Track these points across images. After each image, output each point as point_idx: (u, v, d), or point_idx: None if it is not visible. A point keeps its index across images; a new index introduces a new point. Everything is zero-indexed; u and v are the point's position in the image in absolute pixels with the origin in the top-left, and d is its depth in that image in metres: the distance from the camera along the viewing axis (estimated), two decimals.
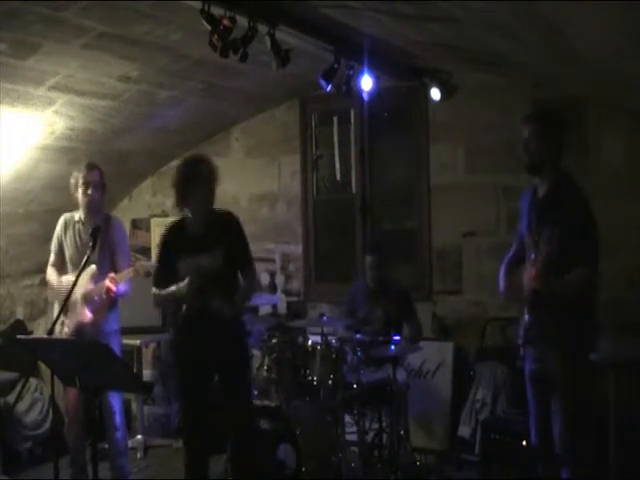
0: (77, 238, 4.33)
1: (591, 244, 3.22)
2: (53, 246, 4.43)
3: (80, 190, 4.25)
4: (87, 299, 4.21)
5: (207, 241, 3.74)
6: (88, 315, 4.19)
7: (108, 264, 4.25)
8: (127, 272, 4.19)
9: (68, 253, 4.35)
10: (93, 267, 4.16)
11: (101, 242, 4.07)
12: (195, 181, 3.72)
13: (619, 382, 3.88)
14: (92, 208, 4.29)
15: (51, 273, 4.42)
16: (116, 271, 4.24)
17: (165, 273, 3.80)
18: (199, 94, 5.01)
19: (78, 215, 4.36)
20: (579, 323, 3.22)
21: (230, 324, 3.78)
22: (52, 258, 4.44)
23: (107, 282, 4.13)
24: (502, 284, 3.56)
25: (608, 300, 3.66)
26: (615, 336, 3.93)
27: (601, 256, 3.24)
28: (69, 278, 4.22)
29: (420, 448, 4.85)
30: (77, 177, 4.25)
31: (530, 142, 3.37)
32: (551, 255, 3.16)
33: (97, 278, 4.19)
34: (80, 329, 4.21)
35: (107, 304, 4.27)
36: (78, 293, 4.14)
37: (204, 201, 3.78)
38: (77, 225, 4.35)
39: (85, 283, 4.16)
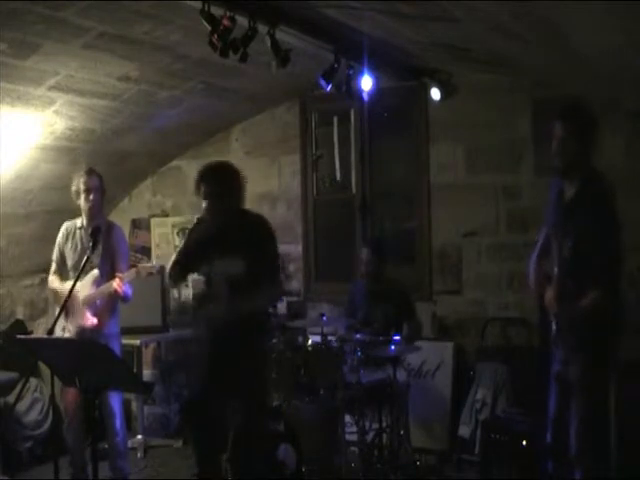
0: (79, 244, 4.36)
1: (612, 256, 3.15)
2: (54, 255, 4.47)
3: (82, 197, 4.30)
4: (89, 303, 4.23)
5: (232, 244, 3.77)
6: (90, 319, 4.21)
7: (109, 269, 4.28)
8: (130, 273, 4.21)
9: (70, 261, 4.37)
10: (95, 272, 4.20)
11: (102, 247, 4.14)
12: (210, 188, 3.76)
13: (619, 382, 3.87)
14: (93, 213, 4.34)
15: (54, 280, 4.46)
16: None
17: (185, 263, 3.88)
18: (199, 94, 5.00)
19: (80, 221, 4.41)
20: (601, 327, 3.18)
21: (250, 327, 3.79)
22: (54, 267, 4.48)
23: (114, 284, 4.13)
24: (532, 279, 3.49)
25: None
26: None
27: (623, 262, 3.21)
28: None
29: (420, 448, 4.84)
30: (78, 184, 4.30)
31: (566, 143, 3.20)
32: (573, 267, 3.12)
33: (99, 282, 4.22)
34: (81, 333, 4.22)
35: (108, 308, 4.29)
36: (80, 297, 4.17)
37: (223, 206, 3.80)
38: (79, 232, 4.39)
39: (87, 287, 4.20)
